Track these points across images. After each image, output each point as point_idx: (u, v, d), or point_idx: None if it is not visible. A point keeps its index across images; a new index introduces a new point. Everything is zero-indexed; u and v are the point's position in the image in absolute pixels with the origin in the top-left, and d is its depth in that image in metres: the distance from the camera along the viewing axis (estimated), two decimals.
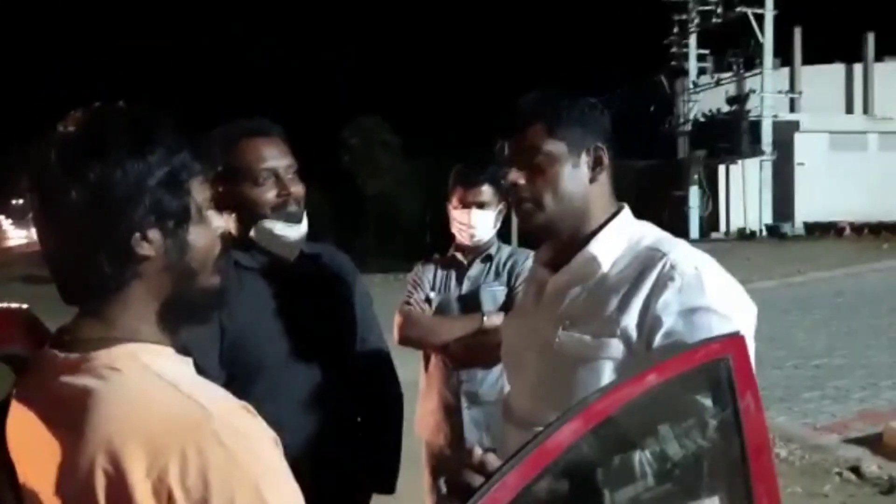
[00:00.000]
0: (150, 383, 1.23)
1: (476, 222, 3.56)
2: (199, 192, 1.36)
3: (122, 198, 1.25)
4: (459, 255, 3.71)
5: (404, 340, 3.58)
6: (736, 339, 1.38)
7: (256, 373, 2.26)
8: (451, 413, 3.54)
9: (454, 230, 3.67)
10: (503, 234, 3.77)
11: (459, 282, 3.66)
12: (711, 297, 1.78)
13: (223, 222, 1.42)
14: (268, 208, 2.37)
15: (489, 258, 3.66)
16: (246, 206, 2.36)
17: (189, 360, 1.34)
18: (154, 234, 1.29)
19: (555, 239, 2.06)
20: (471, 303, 3.58)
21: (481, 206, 3.56)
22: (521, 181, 1.97)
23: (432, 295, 3.69)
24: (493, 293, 3.57)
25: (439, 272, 3.73)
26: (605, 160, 1.98)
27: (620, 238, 1.96)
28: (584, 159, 1.96)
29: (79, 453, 1.18)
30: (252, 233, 2.38)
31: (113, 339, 1.27)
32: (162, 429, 1.17)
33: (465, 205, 3.57)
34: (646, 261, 1.88)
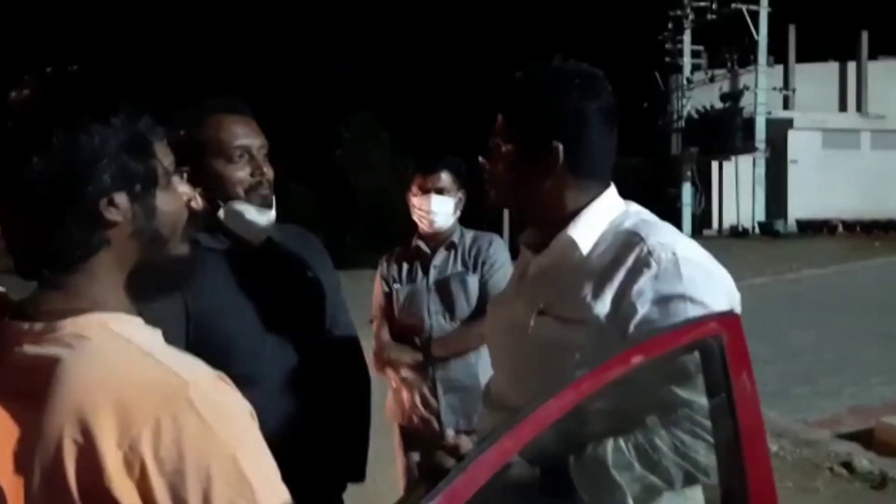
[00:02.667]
0: (122, 350, 1.18)
1: (436, 208, 3.57)
2: (164, 155, 1.31)
3: (87, 162, 1.20)
4: (423, 245, 3.71)
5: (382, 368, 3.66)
6: (730, 318, 1.31)
7: (225, 358, 2.11)
8: (427, 399, 3.56)
9: (415, 217, 3.68)
10: (496, 221, 3.77)
11: (426, 271, 3.67)
12: (688, 284, 1.68)
13: (188, 188, 1.37)
14: (241, 188, 2.28)
15: (453, 245, 3.67)
16: (217, 184, 2.26)
17: (158, 331, 1.28)
18: (121, 198, 1.23)
19: (530, 221, 2.01)
20: (443, 293, 3.60)
21: (440, 191, 3.58)
22: (484, 163, 1.94)
23: (396, 287, 3.70)
24: (462, 280, 3.58)
25: (404, 265, 3.74)
26: (560, 159, 1.84)
27: (601, 220, 1.87)
28: (540, 156, 1.86)
29: (44, 424, 1.12)
30: (220, 213, 2.28)
31: (80, 310, 1.22)
32: (135, 396, 1.11)
33: (425, 191, 3.59)
34: (623, 245, 1.78)
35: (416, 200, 3.62)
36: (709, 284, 1.71)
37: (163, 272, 1.33)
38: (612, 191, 1.93)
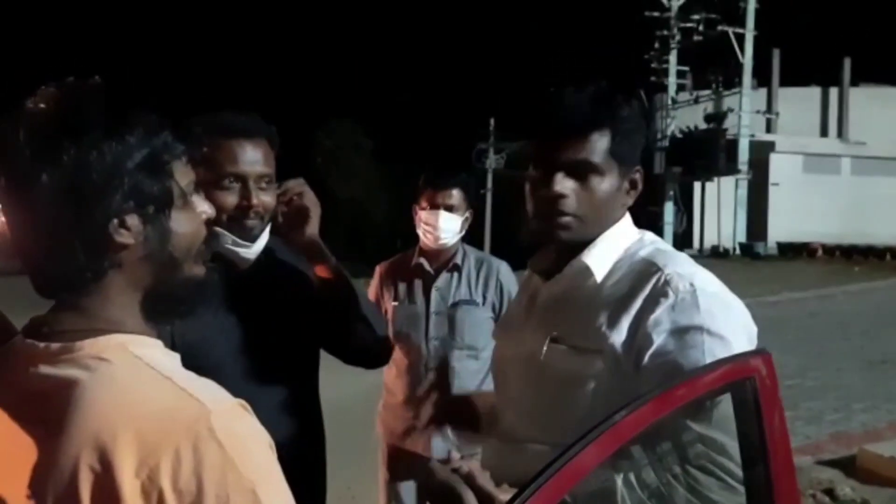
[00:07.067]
0: (142, 375, 1.14)
1: (443, 224, 3.53)
2: (183, 175, 1.26)
3: (98, 182, 1.15)
4: (426, 264, 3.64)
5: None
6: (764, 357, 1.27)
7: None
8: (419, 425, 3.51)
9: (420, 232, 3.63)
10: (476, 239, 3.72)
11: (426, 293, 3.59)
12: (706, 316, 1.65)
13: (207, 207, 1.31)
14: (223, 215, 2.15)
15: (456, 268, 3.61)
16: None
17: (177, 356, 1.24)
18: (133, 220, 1.19)
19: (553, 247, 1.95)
20: (447, 320, 3.53)
21: (450, 208, 3.54)
22: (569, 193, 1.80)
23: (394, 304, 3.62)
24: (470, 308, 3.50)
25: (402, 282, 3.66)
26: (640, 184, 1.89)
27: (616, 248, 1.84)
28: (626, 182, 1.86)
29: (60, 450, 1.08)
30: None
31: (98, 330, 1.17)
32: (155, 424, 1.07)
33: (434, 206, 3.54)
34: (639, 274, 1.76)
35: (423, 214, 3.57)
36: (727, 317, 1.69)
37: (176, 295, 1.28)
38: (627, 219, 1.90)
